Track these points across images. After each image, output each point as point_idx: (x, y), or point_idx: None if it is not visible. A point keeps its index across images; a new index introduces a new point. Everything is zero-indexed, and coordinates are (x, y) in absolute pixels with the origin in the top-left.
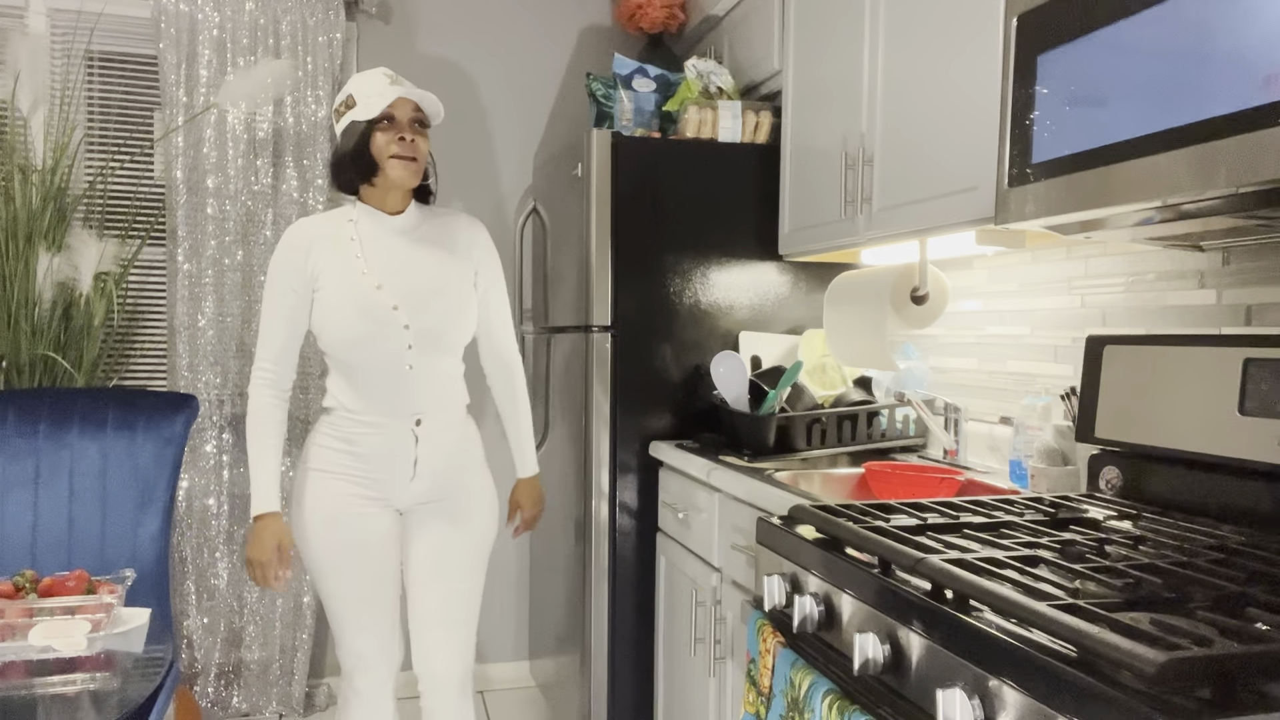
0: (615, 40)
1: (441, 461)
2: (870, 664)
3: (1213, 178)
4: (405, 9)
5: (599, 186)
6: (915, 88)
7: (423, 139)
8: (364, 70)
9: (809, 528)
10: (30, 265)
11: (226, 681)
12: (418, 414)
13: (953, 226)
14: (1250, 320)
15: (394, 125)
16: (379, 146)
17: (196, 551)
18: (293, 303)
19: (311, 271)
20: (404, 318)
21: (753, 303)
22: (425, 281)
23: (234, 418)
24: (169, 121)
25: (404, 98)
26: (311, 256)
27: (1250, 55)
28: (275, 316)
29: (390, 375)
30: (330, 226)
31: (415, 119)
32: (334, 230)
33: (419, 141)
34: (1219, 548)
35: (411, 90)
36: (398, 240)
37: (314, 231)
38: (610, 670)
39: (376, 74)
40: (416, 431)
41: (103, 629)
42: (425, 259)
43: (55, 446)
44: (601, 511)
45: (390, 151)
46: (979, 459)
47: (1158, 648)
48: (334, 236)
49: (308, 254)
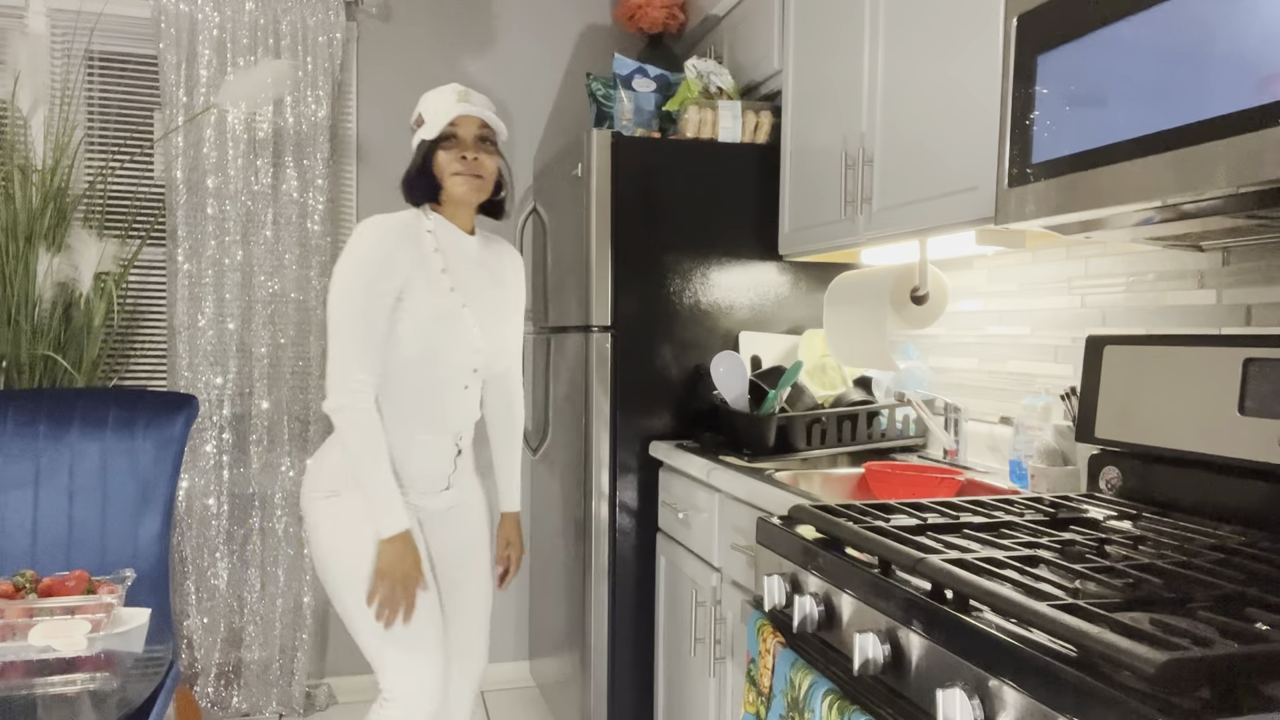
0: (615, 40)
1: (465, 473)
2: (870, 664)
3: (1213, 178)
4: (405, 9)
5: (599, 186)
6: (915, 88)
7: (488, 156)
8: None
9: (809, 528)
10: (30, 265)
11: (226, 681)
12: (461, 433)
13: (953, 226)
14: (1250, 320)
15: (457, 143)
16: (441, 165)
17: (196, 551)
18: (383, 306)
19: (399, 281)
20: (479, 339)
21: (753, 303)
22: (496, 305)
23: (234, 418)
24: (169, 121)
25: (468, 115)
26: (399, 263)
27: (1250, 55)
28: (369, 320)
29: (449, 393)
30: (410, 230)
31: (481, 136)
32: (415, 237)
33: (483, 159)
34: (1219, 548)
35: (471, 107)
36: (471, 259)
37: (398, 233)
38: (610, 670)
39: (446, 91)
40: (459, 444)
41: (103, 629)
42: (491, 282)
43: (55, 446)
44: (601, 511)
45: (452, 169)
46: (979, 459)
47: (1158, 648)
48: (417, 243)
49: (395, 259)
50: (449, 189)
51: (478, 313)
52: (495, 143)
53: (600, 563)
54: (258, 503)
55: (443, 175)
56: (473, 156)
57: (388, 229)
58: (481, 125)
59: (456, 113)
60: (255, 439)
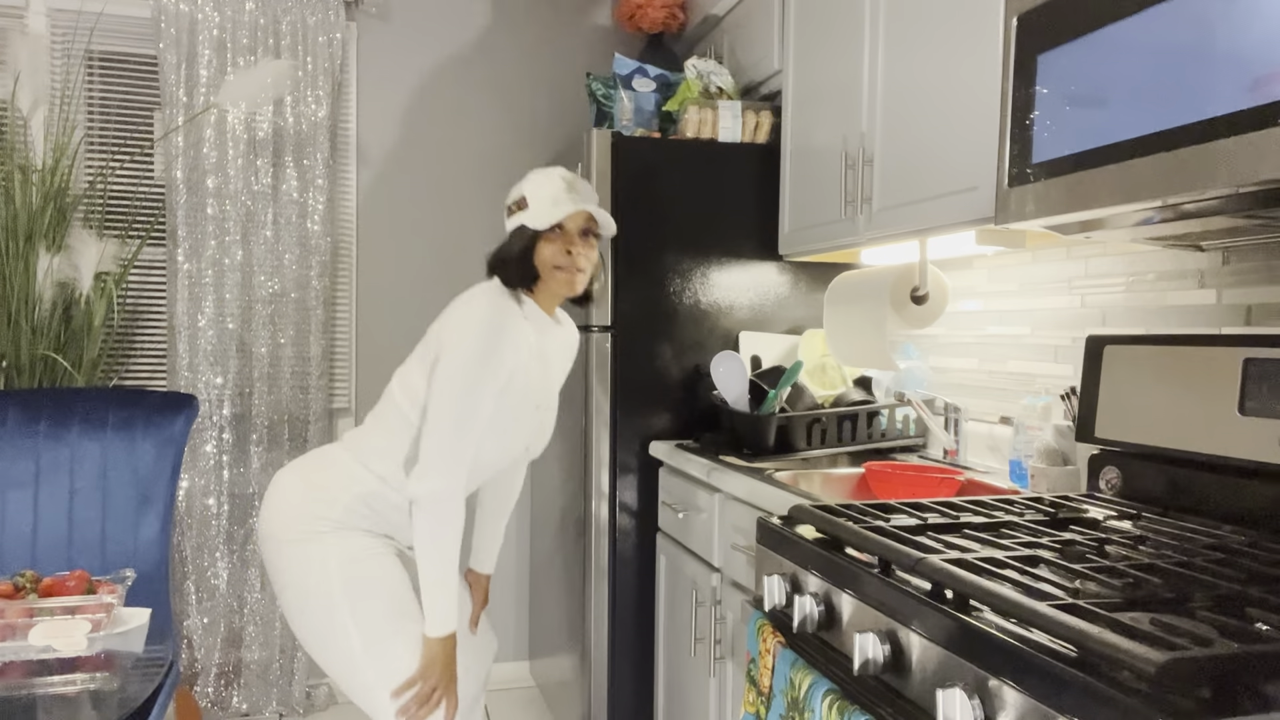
0: (615, 40)
1: None
2: (870, 664)
3: (1213, 178)
4: (405, 9)
5: (599, 186)
6: (915, 88)
7: (590, 249)
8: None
9: (809, 528)
10: (30, 265)
11: (226, 681)
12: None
13: (953, 226)
14: (1250, 320)
15: (562, 235)
16: (544, 257)
17: (196, 551)
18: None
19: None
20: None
21: (753, 303)
22: (556, 391)
23: (234, 418)
24: (169, 121)
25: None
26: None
27: (1250, 55)
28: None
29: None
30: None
31: (586, 229)
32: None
33: (587, 253)
34: (1219, 548)
35: (583, 202)
36: (552, 351)
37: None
38: (610, 670)
39: (554, 178)
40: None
41: (103, 629)
42: (558, 377)
43: (55, 446)
44: (601, 511)
45: (555, 263)
46: (979, 459)
47: (1158, 648)
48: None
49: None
50: (549, 283)
51: (547, 410)
52: (597, 236)
53: (600, 563)
54: (258, 503)
55: (544, 267)
56: (577, 251)
57: (507, 321)
58: (588, 218)
59: (570, 209)
60: (255, 439)
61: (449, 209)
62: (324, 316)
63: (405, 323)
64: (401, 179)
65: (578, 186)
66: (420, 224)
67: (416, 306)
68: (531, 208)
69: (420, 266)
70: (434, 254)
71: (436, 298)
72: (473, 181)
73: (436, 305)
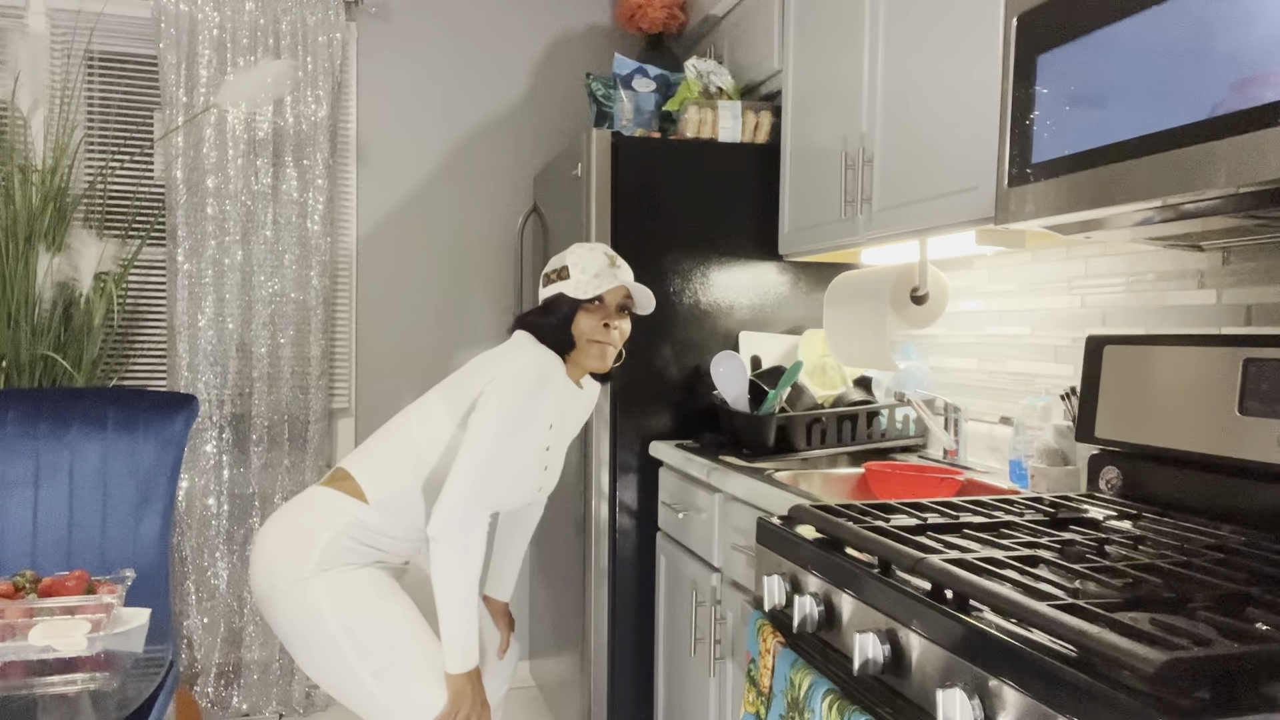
0: (615, 40)
1: None
2: (870, 664)
3: (1213, 178)
4: (405, 9)
5: (599, 186)
6: (915, 88)
7: (624, 322)
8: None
9: (809, 528)
10: (30, 265)
11: (226, 681)
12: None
13: (953, 226)
14: (1250, 320)
15: (602, 308)
16: (582, 328)
17: (196, 551)
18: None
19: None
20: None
21: (753, 303)
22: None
23: (234, 418)
24: (169, 121)
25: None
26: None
27: (1250, 55)
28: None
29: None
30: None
31: (623, 305)
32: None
33: (623, 327)
34: (1219, 548)
35: (628, 281)
36: (568, 413)
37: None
38: (610, 670)
39: (598, 252)
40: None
41: (103, 629)
42: (572, 431)
43: (55, 446)
44: (601, 511)
45: (593, 335)
46: (979, 459)
47: (1158, 648)
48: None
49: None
50: (584, 354)
51: (555, 460)
52: (633, 311)
53: (600, 563)
54: (258, 503)
55: (580, 338)
56: (614, 325)
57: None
58: (625, 295)
59: (613, 283)
60: (255, 439)
61: (449, 209)
62: (324, 317)
63: (405, 323)
64: (401, 179)
65: (619, 263)
66: (420, 224)
67: (416, 306)
68: (574, 278)
69: (420, 266)
70: (434, 254)
71: (436, 297)
72: (473, 181)
73: (436, 305)
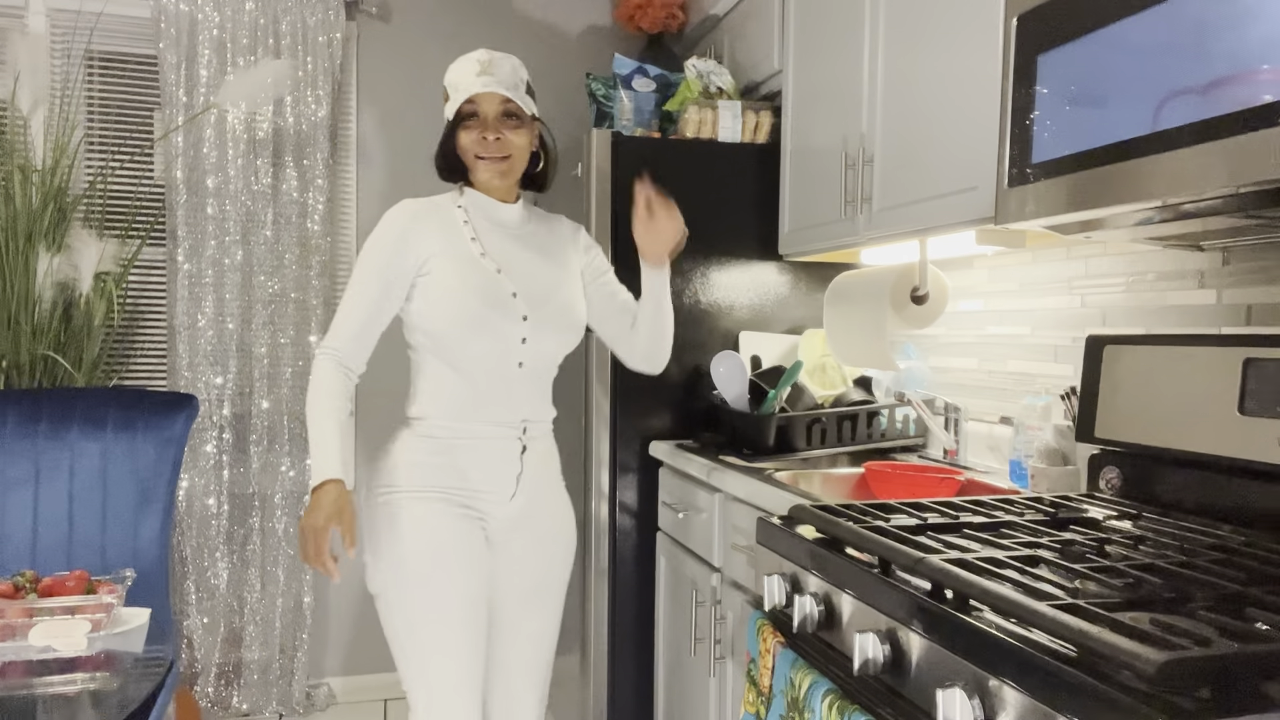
0: (615, 40)
1: (537, 477)
2: (870, 664)
3: (1213, 178)
4: (405, 9)
5: (599, 186)
6: (915, 88)
7: (514, 131)
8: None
9: (809, 528)
10: (30, 265)
11: (226, 681)
12: (525, 420)
13: (953, 226)
14: (1250, 320)
15: (478, 122)
16: (464, 147)
17: (196, 551)
18: (382, 286)
19: (418, 255)
20: (523, 307)
21: (753, 303)
22: (542, 275)
23: (234, 417)
24: (169, 121)
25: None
26: (418, 239)
27: (1250, 55)
28: (359, 299)
29: (500, 373)
30: (438, 209)
31: (505, 111)
32: (443, 213)
33: (509, 137)
34: (1219, 548)
35: (491, 81)
36: (509, 230)
37: (420, 212)
38: (610, 670)
39: (468, 62)
40: (523, 440)
41: (103, 629)
42: (537, 254)
43: (55, 446)
44: (601, 511)
45: (475, 151)
46: (979, 459)
47: (1158, 648)
48: (444, 219)
49: (413, 236)
50: (473, 173)
51: (515, 278)
52: (522, 116)
53: (600, 563)
54: (258, 503)
55: (467, 157)
56: (494, 137)
57: (407, 208)
58: (504, 101)
59: (474, 89)
60: (255, 439)
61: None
62: (324, 316)
63: None
64: (401, 179)
65: (492, 68)
66: None
67: None
68: (450, 97)
69: None
70: None
71: None
72: None
73: None
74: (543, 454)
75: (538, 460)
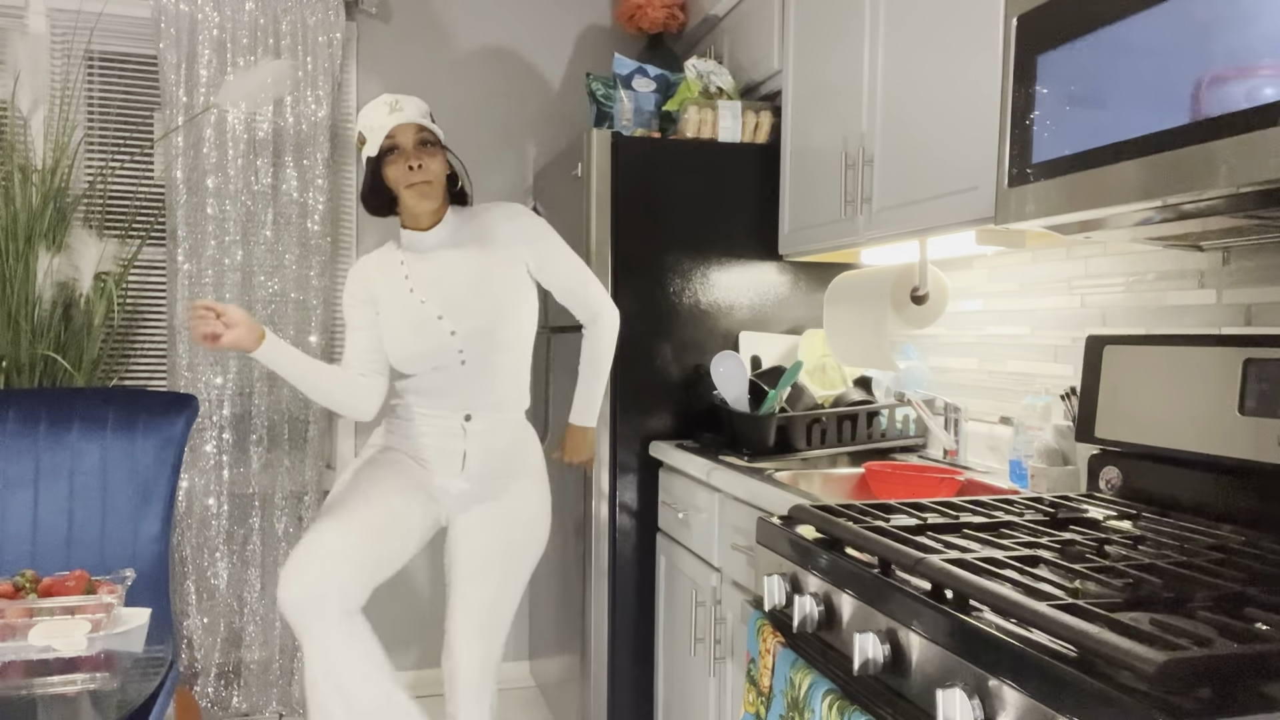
0: (615, 40)
1: (494, 461)
2: (870, 664)
3: (1213, 178)
4: (405, 9)
5: (599, 186)
6: (915, 88)
7: (431, 158)
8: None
9: (809, 528)
10: (30, 265)
11: (226, 681)
12: (467, 410)
13: (953, 226)
14: (1250, 320)
15: (401, 154)
16: (392, 179)
17: (196, 551)
18: (361, 326)
19: (372, 305)
20: (449, 325)
21: (753, 303)
22: (463, 285)
23: (234, 418)
24: (169, 121)
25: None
26: (367, 293)
27: (1249, 54)
28: (350, 336)
29: (446, 371)
30: (383, 258)
31: (421, 140)
32: (387, 260)
33: (428, 163)
34: (1219, 548)
35: (404, 115)
36: (436, 253)
37: (369, 265)
38: (610, 670)
39: (379, 105)
40: (466, 426)
41: (103, 629)
42: (463, 263)
43: (55, 446)
44: (601, 511)
45: (404, 181)
46: (979, 459)
47: (1158, 648)
48: (386, 267)
49: (363, 293)
50: (404, 201)
51: (438, 303)
52: (436, 143)
53: (600, 563)
54: (258, 503)
55: (397, 188)
56: (416, 164)
57: (357, 268)
58: (419, 130)
59: (390, 125)
60: (255, 439)
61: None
62: (324, 316)
63: None
64: None
65: (401, 105)
66: None
67: None
68: (368, 140)
69: None
70: None
71: None
72: (473, 180)
73: None
74: (504, 441)
75: (494, 445)
